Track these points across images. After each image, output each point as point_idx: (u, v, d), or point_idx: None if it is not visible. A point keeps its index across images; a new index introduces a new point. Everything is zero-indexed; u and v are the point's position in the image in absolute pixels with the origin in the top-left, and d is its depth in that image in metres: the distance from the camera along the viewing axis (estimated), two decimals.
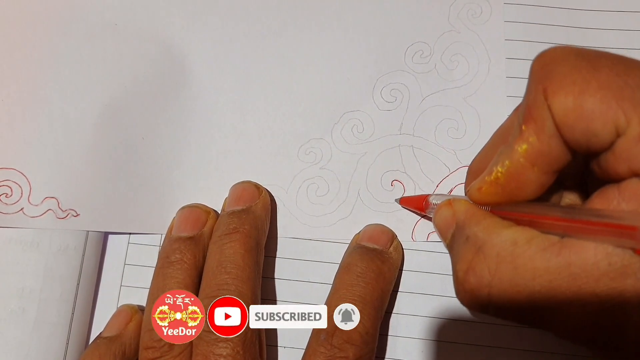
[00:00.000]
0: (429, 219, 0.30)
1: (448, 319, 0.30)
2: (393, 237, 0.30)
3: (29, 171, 0.31)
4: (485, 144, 0.27)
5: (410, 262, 0.31)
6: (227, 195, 0.31)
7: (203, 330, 0.26)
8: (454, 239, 0.25)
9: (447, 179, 0.31)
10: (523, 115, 0.22)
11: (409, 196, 0.31)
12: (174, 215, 0.31)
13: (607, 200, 0.21)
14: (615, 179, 0.21)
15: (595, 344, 0.21)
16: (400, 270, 0.31)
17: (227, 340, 0.26)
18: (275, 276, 0.31)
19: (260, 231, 0.29)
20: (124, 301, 0.31)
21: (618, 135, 0.20)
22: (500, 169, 0.23)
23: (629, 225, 0.19)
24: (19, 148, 0.32)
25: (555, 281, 0.21)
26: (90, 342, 0.30)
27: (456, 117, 0.32)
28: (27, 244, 0.30)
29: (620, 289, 0.20)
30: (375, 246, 0.29)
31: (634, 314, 0.20)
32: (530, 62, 0.24)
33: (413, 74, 0.33)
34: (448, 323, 0.30)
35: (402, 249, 0.31)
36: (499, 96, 0.32)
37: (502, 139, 0.26)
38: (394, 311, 0.30)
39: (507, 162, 0.23)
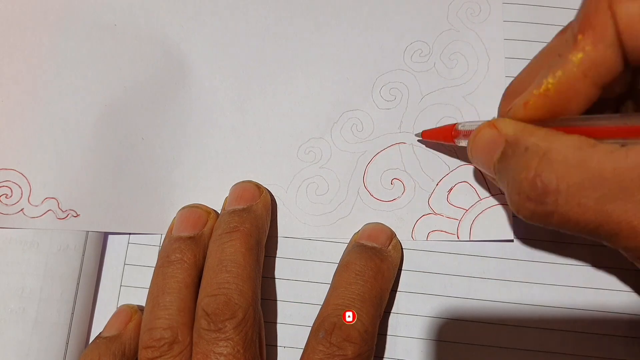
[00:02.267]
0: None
1: (448, 319, 0.30)
2: (392, 235, 0.30)
3: (29, 172, 0.31)
4: (524, 68, 0.27)
5: (409, 261, 0.31)
6: (227, 195, 0.31)
7: (203, 328, 0.26)
8: (506, 156, 0.24)
9: (447, 177, 0.31)
10: (579, 24, 0.22)
11: (431, 129, 0.31)
12: (174, 215, 0.31)
13: None
14: None
15: None
16: (400, 269, 0.31)
17: (227, 339, 0.26)
18: (275, 276, 0.31)
19: (260, 230, 0.29)
20: (124, 301, 0.31)
21: None
22: (551, 80, 0.23)
23: None
24: (19, 149, 0.32)
25: (625, 182, 0.20)
26: (90, 342, 0.30)
27: (456, 115, 0.32)
28: (27, 244, 0.30)
29: None
30: (374, 245, 0.29)
31: None
32: (528, 62, 0.24)
33: (412, 73, 0.33)
34: (448, 323, 0.30)
35: (402, 247, 0.31)
36: (498, 94, 0.32)
37: (543, 60, 0.25)
38: (393, 311, 0.30)
39: (559, 72, 0.23)
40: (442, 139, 0.30)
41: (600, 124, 0.22)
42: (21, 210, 0.31)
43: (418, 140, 0.32)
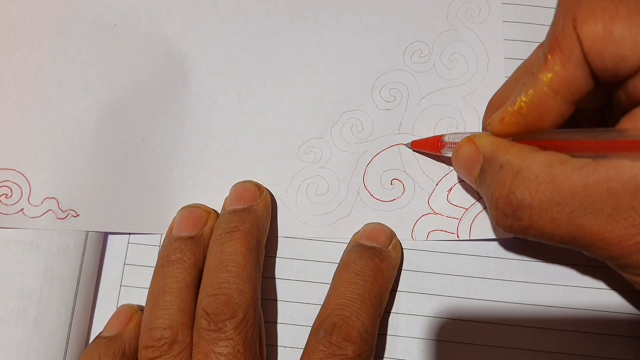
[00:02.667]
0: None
1: (448, 319, 0.30)
2: (392, 235, 0.30)
3: (28, 172, 0.31)
4: (506, 82, 0.28)
5: (409, 261, 0.31)
6: (227, 195, 0.31)
7: (203, 328, 0.26)
8: (484, 172, 0.25)
9: (447, 177, 0.31)
10: (549, 45, 0.23)
11: (420, 139, 0.32)
12: (174, 215, 0.31)
13: (635, 121, 0.23)
14: None
15: (633, 265, 0.22)
16: (400, 269, 0.31)
17: (227, 338, 0.26)
18: (275, 276, 0.31)
19: (261, 230, 0.29)
20: (124, 301, 0.31)
21: None
22: (524, 99, 0.24)
23: None
24: (19, 149, 0.32)
25: (594, 197, 0.22)
26: (90, 342, 0.30)
27: (455, 115, 0.32)
28: (27, 244, 0.30)
29: None
30: (374, 244, 0.29)
31: None
32: None
33: (412, 73, 0.33)
34: (448, 322, 0.30)
35: (402, 247, 0.31)
36: None
37: (520, 76, 0.26)
38: (393, 310, 0.30)
39: (531, 91, 0.24)
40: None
41: (574, 138, 0.23)
42: (21, 210, 0.31)
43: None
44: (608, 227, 0.22)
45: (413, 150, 0.32)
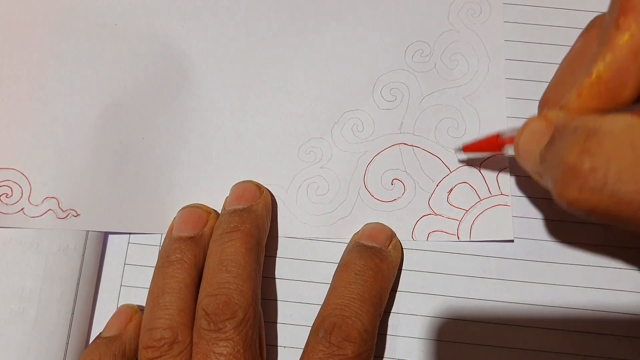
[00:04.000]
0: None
1: (448, 319, 0.30)
2: (392, 235, 0.30)
3: (29, 171, 0.31)
4: (555, 74, 0.26)
5: (410, 261, 0.31)
6: (227, 195, 0.31)
7: (203, 328, 0.26)
8: (553, 140, 0.23)
9: (447, 178, 0.31)
10: (619, 9, 0.22)
11: (473, 142, 0.30)
12: (174, 215, 0.31)
13: None
14: None
15: None
16: (400, 269, 0.31)
17: (227, 339, 0.26)
18: (276, 276, 0.31)
19: (261, 230, 0.29)
20: (124, 301, 0.31)
21: None
22: (601, 65, 0.22)
23: None
24: (19, 148, 0.32)
25: None
26: (90, 342, 0.30)
27: (456, 116, 0.32)
28: (27, 244, 0.30)
29: None
30: (374, 244, 0.29)
31: None
32: (529, 63, 0.24)
33: (413, 73, 0.33)
34: (448, 322, 0.30)
35: (402, 247, 0.31)
36: (498, 95, 0.32)
37: (574, 63, 0.25)
38: (393, 310, 0.30)
39: (608, 56, 0.22)
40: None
41: None
42: (21, 209, 0.31)
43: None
44: None
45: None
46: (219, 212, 0.31)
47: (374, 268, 0.28)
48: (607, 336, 0.30)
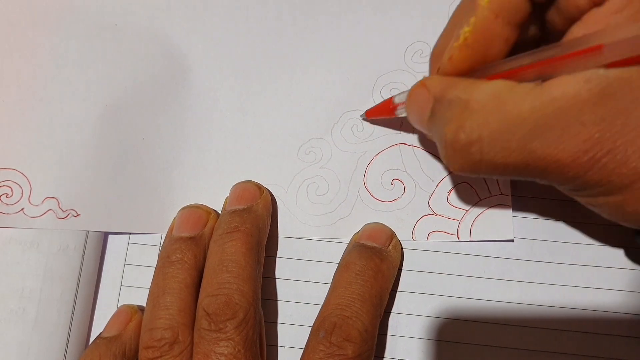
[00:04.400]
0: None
1: (448, 319, 0.30)
2: (392, 235, 0.30)
3: (29, 171, 0.31)
4: (443, 30, 0.27)
5: (410, 261, 0.31)
6: (227, 195, 0.31)
7: (204, 329, 0.26)
8: (435, 112, 0.25)
9: (447, 178, 0.31)
10: None
11: (372, 107, 0.31)
12: (174, 215, 0.31)
13: (573, 37, 0.22)
14: (577, 18, 0.23)
15: (589, 185, 0.22)
16: (400, 269, 0.31)
17: (228, 339, 0.26)
18: (276, 276, 0.31)
19: (261, 230, 0.29)
20: (124, 301, 0.31)
21: None
22: (467, 29, 0.24)
23: (595, 45, 0.20)
24: (19, 148, 0.32)
25: (543, 119, 0.21)
26: (90, 342, 0.30)
27: None
28: (27, 244, 0.30)
29: (602, 112, 0.20)
30: (374, 244, 0.29)
31: (620, 137, 0.20)
32: None
33: (412, 74, 0.33)
34: (448, 322, 0.30)
35: (402, 247, 0.31)
36: None
37: (457, 17, 0.26)
38: (393, 310, 0.30)
39: (472, 19, 0.24)
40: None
41: (520, 64, 0.23)
42: (21, 209, 0.31)
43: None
44: (560, 147, 0.21)
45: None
46: (219, 212, 0.31)
47: (374, 268, 0.28)
48: (607, 336, 0.30)
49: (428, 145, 0.32)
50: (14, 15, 0.33)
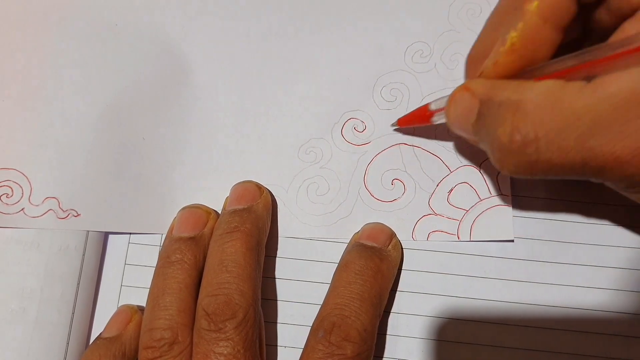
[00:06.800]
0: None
1: (448, 319, 0.30)
2: (392, 235, 0.30)
3: (29, 171, 0.31)
4: (481, 33, 0.27)
5: (410, 261, 0.31)
6: (228, 195, 0.31)
7: (203, 329, 0.26)
8: (482, 115, 0.24)
9: (448, 178, 0.31)
10: None
11: (405, 115, 0.31)
12: (174, 215, 0.31)
13: (625, 34, 0.22)
14: (629, 15, 0.22)
15: None
16: (400, 269, 0.31)
17: (227, 339, 0.26)
18: (276, 276, 0.31)
19: (261, 230, 0.29)
20: (124, 301, 0.31)
21: None
22: (514, 34, 0.24)
23: None
24: (19, 148, 0.32)
25: (599, 117, 0.21)
26: (90, 343, 0.30)
27: None
28: (27, 244, 0.30)
29: None
30: (374, 244, 0.29)
31: None
32: None
33: (413, 74, 0.33)
34: (448, 322, 0.30)
35: (402, 247, 0.31)
36: None
37: (498, 21, 0.26)
38: (393, 310, 0.30)
39: (520, 24, 0.23)
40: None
41: (568, 64, 0.23)
42: (22, 209, 0.31)
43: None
44: (620, 144, 0.21)
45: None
46: (219, 212, 0.31)
47: (373, 268, 0.28)
48: (607, 336, 0.30)
49: (428, 145, 0.32)
50: (14, 15, 0.33)
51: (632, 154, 0.21)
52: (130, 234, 0.32)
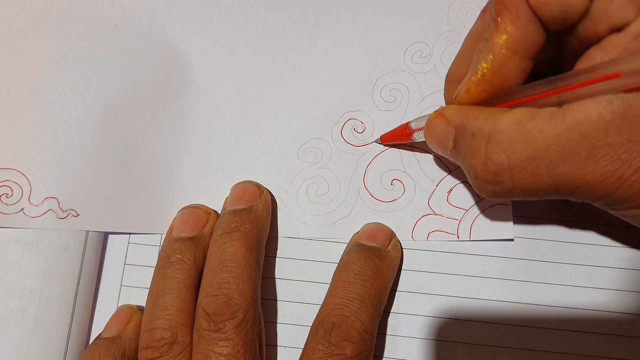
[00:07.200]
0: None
1: (448, 319, 0.30)
2: (392, 235, 0.30)
3: (29, 171, 0.31)
4: (458, 54, 0.28)
5: (410, 261, 0.31)
6: (227, 195, 0.31)
7: (203, 329, 0.26)
8: (458, 143, 0.25)
9: (447, 178, 0.31)
10: (495, 8, 0.24)
11: (387, 132, 0.32)
12: (174, 215, 0.31)
13: (591, 61, 0.23)
14: (594, 42, 0.23)
15: (619, 201, 0.22)
16: (400, 269, 0.31)
17: (227, 339, 0.26)
18: (276, 276, 0.31)
19: (261, 230, 0.29)
20: (124, 301, 0.31)
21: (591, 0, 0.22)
22: (484, 65, 0.24)
23: (613, 73, 0.21)
24: (19, 148, 0.32)
25: (568, 144, 0.22)
26: (90, 343, 0.30)
27: None
28: (27, 244, 0.30)
29: (628, 133, 0.21)
30: (374, 244, 0.29)
31: None
32: None
33: (412, 74, 0.33)
34: (448, 322, 0.30)
35: (401, 247, 0.31)
36: None
37: (474, 44, 0.27)
38: (393, 310, 0.30)
39: (490, 56, 0.24)
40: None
41: (537, 91, 0.24)
42: (21, 209, 0.31)
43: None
44: (588, 169, 0.22)
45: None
46: (219, 212, 0.31)
47: (373, 268, 0.28)
48: (607, 336, 0.30)
49: (427, 146, 0.32)
50: (14, 15, 0.33)
51: (600, 179, 0.22)
52: (130, 234, 0.32)
